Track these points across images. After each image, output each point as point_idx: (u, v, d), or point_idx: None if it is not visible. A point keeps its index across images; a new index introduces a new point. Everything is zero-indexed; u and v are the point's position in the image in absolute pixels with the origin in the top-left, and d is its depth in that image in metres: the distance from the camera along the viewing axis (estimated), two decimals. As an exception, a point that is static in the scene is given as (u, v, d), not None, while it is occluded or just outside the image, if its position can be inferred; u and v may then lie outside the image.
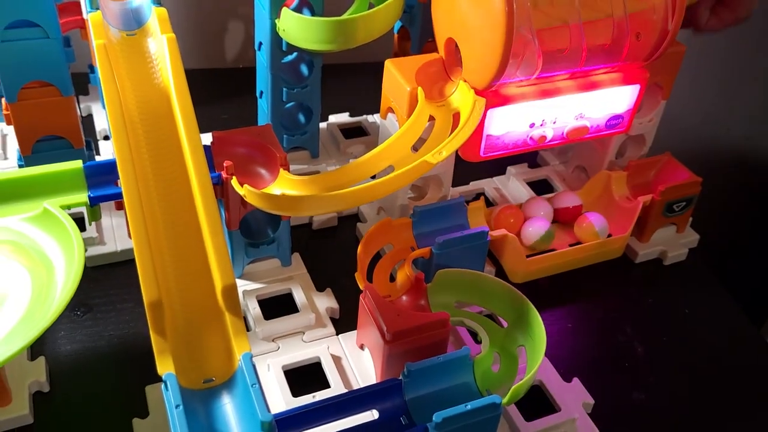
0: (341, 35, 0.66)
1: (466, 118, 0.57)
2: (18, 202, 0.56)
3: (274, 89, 0.75)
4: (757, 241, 1.19)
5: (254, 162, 0.61)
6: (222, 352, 0.46)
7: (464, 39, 0.61)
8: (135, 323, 0.63)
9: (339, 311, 0.65)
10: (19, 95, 0.64)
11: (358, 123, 0.89)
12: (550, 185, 0.81)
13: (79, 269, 0.49)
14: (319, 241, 0.74)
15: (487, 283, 0.59)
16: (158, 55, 0.55)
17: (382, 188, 0.55)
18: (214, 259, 0.47)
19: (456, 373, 0.53)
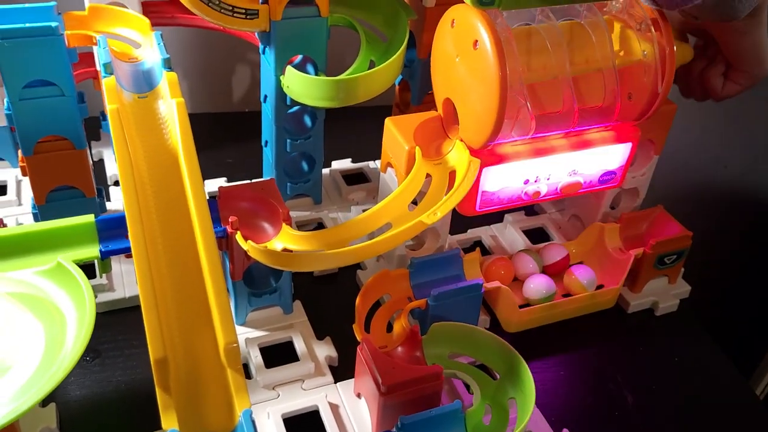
0: (342, 93, 0.69)
1: (461, 179, 0.60)
2: (32, 255, 0.59)
3: (278, 140, 0.78)
4: (746, 291, 1.21)
5: (258, 216, 0.64)
6: (223, 406, 0.49)
7: (461, 100, 0.63)
8: (142, 369, 0.65)
9: (338, 359, 0.67)
10: (34, 148, 0.67)
11: (360, 169, 0.92)
12: (546, 233, 0.83)
13: (90, 325, 0.52)
14: (319, 287, 0.76)
15: (479, 336, 0.61)
16: (167, 117, 0.58)
17: (379, 247, 0.58)
18: (217, 316, 0.50)
19: (448, 425, 0.55)
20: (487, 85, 0.59)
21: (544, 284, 0.71)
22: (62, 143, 0.68)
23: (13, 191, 0.81)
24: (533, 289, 0.71)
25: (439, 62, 0.66)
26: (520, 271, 0.73)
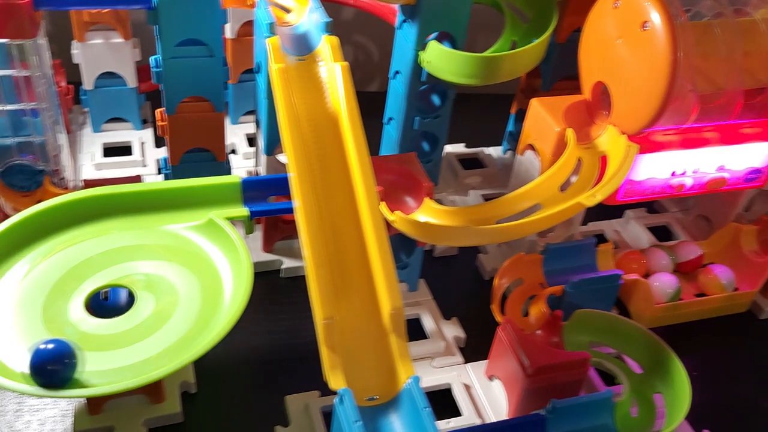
0: (486, 71, 0.68)
1: (619, 162, 0.58)
2: (183, 210, 0.59)
3: (406, 117, 0.77)
4: None
5: (400, 188, 0.63)
6: (385, 372, 0.48)
7: (617, 83, 0.62)
8: (278, 334, 0.65)
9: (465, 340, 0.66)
10: (177, 108, 0.67)
11: (475, 155, 0.90)
12: (669, 232, 0.81)
13: (248, 286, 0.52)
14: (439, 269, 0.75)
15: (625, 326, 0.60)
16: (327, 79, 0.57)
17: (533, 226, 0.56)
18: (383, 281, 0.49)
19: (597, 413, 0.54)
20: (654, 69, 0.57)
21: (669, 283, 0.69)
22: (203, 105, 0.68)
23: (138, 152, 0.82)
24: (658, 287, 0.69)
25: (593, 44, 0.64)
26: (652, 266, 0.71)
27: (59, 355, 0.46)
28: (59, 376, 0.46)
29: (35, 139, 0.66)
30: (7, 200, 0.65)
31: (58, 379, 0.46)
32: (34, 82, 0.64)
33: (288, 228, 0.71)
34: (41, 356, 0.46)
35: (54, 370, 0.46)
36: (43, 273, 0.54)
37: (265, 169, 0.70)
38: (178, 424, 0.57)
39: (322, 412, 0.57)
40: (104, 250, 0.56)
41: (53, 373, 0.46)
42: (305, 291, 0.70)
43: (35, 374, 0.46)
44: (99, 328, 0.51)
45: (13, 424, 0.55)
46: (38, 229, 0.56)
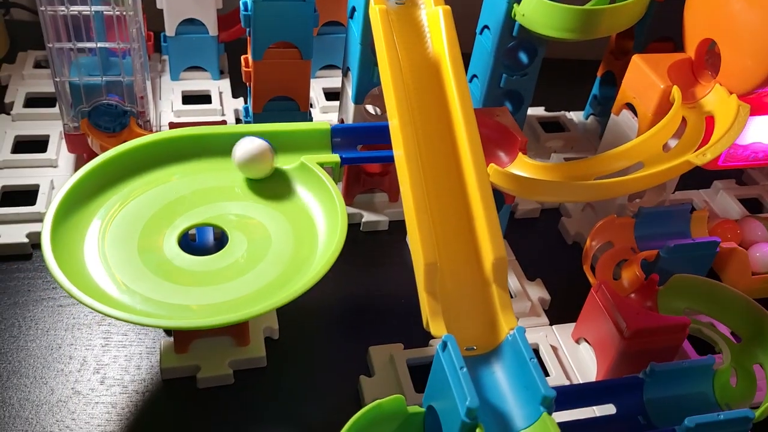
0: (586, 25, 0.65)
1: (729, 122, 0.56)
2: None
3: (493, 74, 0.74)
4: None
5: (492, 142, 0.62)
6: (485, 323, 0.47)
7: (728, 40, 0.59)
8: (358, 286, 0.64)
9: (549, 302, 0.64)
10: (264, 54, 0.66)
11: (556, 118, 0.88)
12: (760, 204, 0.78)
13: (342, 232, 0.51)
14: (520, 230, 0.74)
15: (724, 293, 0.57)
16: (429, 25, 0.56)
17: (637, 183, 0.54)
18: (486, 230, 0.47)
19: (697, 380, 0.52)
20: (772, 24, 0.54)
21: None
22: (290, 51, 0.67)
23: (216, 101, 0.82)
24: (759, 258, 0.66)
25: (701, 1, 0.61)
26: (747, 236, 0.68)
27: None
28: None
29: (123, 80, 0.66)
30: (95, 139, 0.65)
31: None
32: (127, 21, 0.63)
33: (370, 180, 0.70)
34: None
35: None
36: (136, 208, 0.53)
37: (351, 118, 0.69)
38: (261, 368, 0.56)
39: (408, 364, 0.56)
40: (195, 190, 0.56)
41: None
42: (385, 245, 0.70)
43: None
44: (193, 264, 0.51)
45: (100, 359, 0.56)
46: (130, 166, 0.56)
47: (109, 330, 0.58)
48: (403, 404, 0.45)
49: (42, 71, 0.81)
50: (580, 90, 0.89)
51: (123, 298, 0.47)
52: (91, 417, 0.52)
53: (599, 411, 0.53)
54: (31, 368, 0.54)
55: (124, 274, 0.49)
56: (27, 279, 0.61)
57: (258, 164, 0.55)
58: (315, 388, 0.56)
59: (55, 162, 0.70)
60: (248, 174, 0.56)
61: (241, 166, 0.55)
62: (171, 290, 0.48)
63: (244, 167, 0.55)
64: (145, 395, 0.54)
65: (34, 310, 0.59)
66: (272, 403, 0.54)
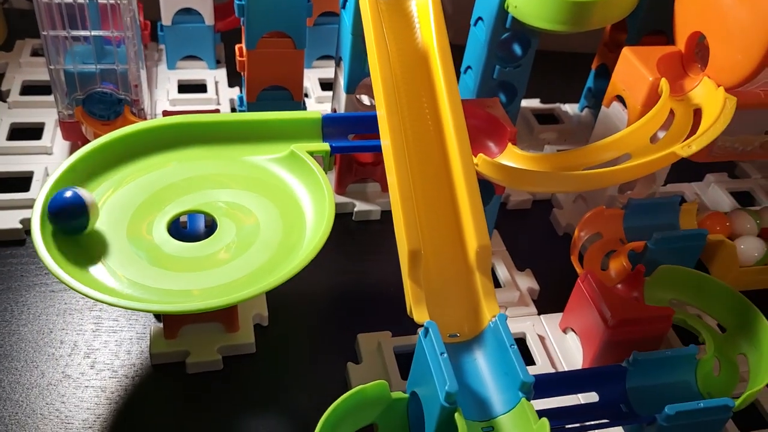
0: (577, 17, 0.65)
1: (716, 115, 0.56)
2: (262, 143, 0.59)
3: (486, 66, 0.74)
4: None
5: (482, 133, 0.62)
6: (468, 310, 0.47)
7: (717, 34, 0.59)
8: (349, 275, 0.65)
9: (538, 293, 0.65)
10: (258, 43, 0.67)
11: (551, 110, 0.88)
12: (752, 197, 0.78)
13: (329, 219, 0.51)
14: (512, 221, 0.74)
15: (710, 285, 0.58)
16: (419, 16, 0.56)
17: (623, 174, 0.55)
18: (470, 218, 0.48)
19: (679, 369, 0.53)
20: (758, 18, 0.54)
21: (756, 246, 0.66)
22: (284, 41, 0.68)
23: (212, 90, 0.82)
24: (744, 250, 0.66)
25: (693, -8, 0.61)
26: (736, 229, 0.68)
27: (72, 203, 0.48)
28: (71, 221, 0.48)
29: (117, 68, 0.66)
30: (89, 127, 0.66)
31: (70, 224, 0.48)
32: (121, 10, 0.64)
33: (363, 170, 0.70)
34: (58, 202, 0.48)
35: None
36: (127, 195, 0.54)
37: (343, 107, 0.69)
38: (250, 354, 0.57)
39: (395, 351, 0.57)
40: (186, 177, 0.56)
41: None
42: (376, 235, 0.71)
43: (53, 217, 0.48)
44: (181, 250, 0.51)
45: (91, 343, 0.56)
46: (122, 152, 0.56)
47: (100, 315, 0.58)
48: (387, 390, 0.46)
49: (39, 59, 0.82)
50: (577, 82, 0.89)
51: (111, 283, 0.48)
52: (80, 400, 0.53)
53: (584, 399, 0.54)
54: (22, 352, 0.55)
55: (113, 259, 0.49)
56: (20, 264, 0.62)
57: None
58: (303, 375, 0.56)
59: (50, 149, 0.71)
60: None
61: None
62: (159, 275, 0.49)
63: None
64: (134, 380, 0.54)
65: (27, 295, 0.59)
66: (260, 388, 0.55)
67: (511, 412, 0.42)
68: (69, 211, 0.49)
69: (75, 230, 0.49)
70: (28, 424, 0.51)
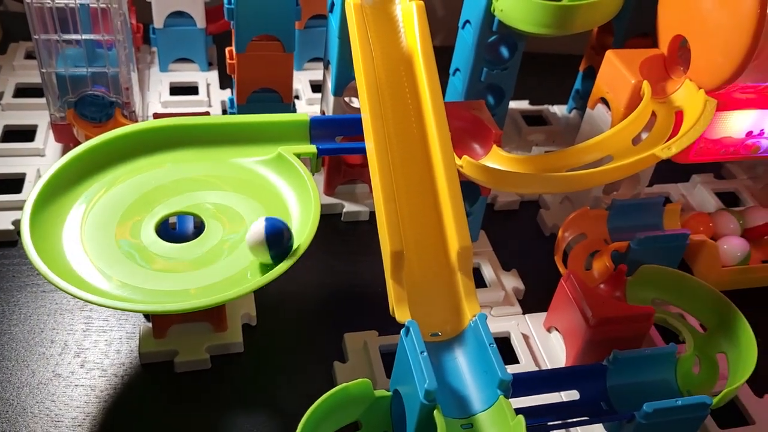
0: (562, 20, 0.66)
1: (696, 117, 0.57)
2: (249, 145, 0.60)
3: (474, 68, 0.75)
4: None
5: (468, 135, 0.63)
6: (450, 309, 0.48)
7: (698, 37, 0.60)
8: (337, 275, 0.66)
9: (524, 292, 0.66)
10: (247, 47, 0.68)
11: (539, 112, 0.89)
12: (737, 198, 0.79)
13: (315, 220, 0.52)
14: (499, 221, 0.75)
15: (691, 284, 0.59)
16: (403, 20, 0.57)
17: (604, 176, 0.56)
18: (452, 219, 0.49)
19: (659, 368, 0.53)
20: (737, 22, 0.55)
21: (739, 246, 0.67)
22: (273, 44, 0.68)
23: (204, 92, 0.83)
24: (727, 250, 0.67)
25: (674, -4, 0.62)
26: (719, 230, 0.69)
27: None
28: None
29: (109, 71, 0.67)
30: (80, 129, 0.67)
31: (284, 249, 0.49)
32: (111, 13, 0.64)
33: (351, 171, 0.71)
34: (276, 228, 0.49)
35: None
36: (115, 197, 0.55)
37: (332, 110, 0.70)
38: (238, 354, 0.58)
39: (381, 350, 0.57)
40: (175, 179, 0.57)
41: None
42: (365, 236, 0.72)
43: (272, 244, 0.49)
44: (168, 251, 0.52)
45: (81, 343, 0.57)
46: (111, 155, 0.57)
47: (91, 315, 0.59)
48: (370, 388, 0.47)
49: (32, 62, 0.83)
50: (566, 84, 0.90)
51: (100, 284, 0.49)
52: (70, 399, 0.53)
53: (565, 396, 0.55)
54: (13, 351, 0.56)
55: (101, 260, 0.50)
56: (12, 265, 0.63)
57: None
58: (291, 374, 0.57)
59: (42, 151, 0.72)
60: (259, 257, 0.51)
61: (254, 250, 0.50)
62: (147, 276, 0.50)
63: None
64: (123, 379, 0.55)
65: (18, 295, 0.60)
66: (248, 387, 0.56)
67: (490, 410, 0.43)
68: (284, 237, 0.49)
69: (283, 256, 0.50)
70: (19, 423, 0.52)
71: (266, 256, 0.49)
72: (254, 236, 0.49)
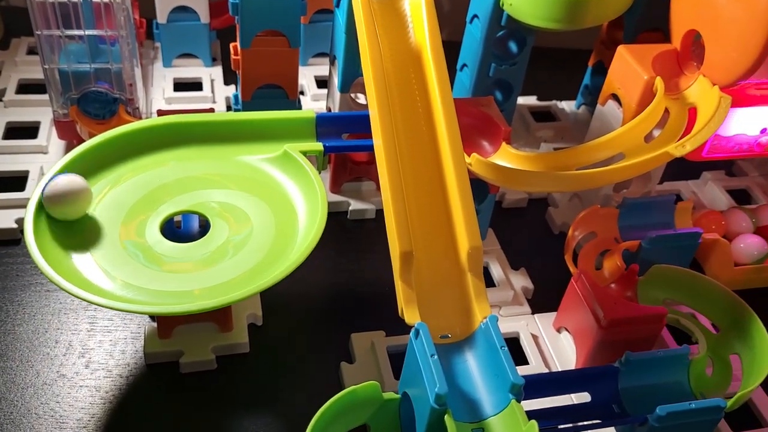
0: (572, 15, 0.65)
1: (710, 114, 0.56)
2: (255, 142, 0.59)
3: (482, 63, 0.74)
4: None
5: (476, 132, 0.62)
6: (460, 311, 0.47)
7: (712, 32, 0.59)
8: (343, 274, 0.65)
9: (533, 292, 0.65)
10: (252, 42, 0.67)
11: (548, 107, 0.88)
12: (749, 196, 0.78)
13: (322, 219, 0.51)
14: (508, 219, 0.74)
15: (703, 284, 0.58)
16: (412, 15, 0.56)
17: (616, 174, 0.55)
18: (462, 219, 0.48)
19: (672, 370, 0.53)
20: (753, 17, 0.54)
21: (756, 245, 0.66)
22: (279, 40, 0.67)
23: (208, 88, 0.82)
24: (743, 249, 0.66)
25: (687, -10, 0.61)
26: (731, 228, 0.68)
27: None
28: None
29: (112, 67, 0.66)
30: (83, 126, 0.66)
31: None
32: (114, 9, 0.64)
33: (357, 169, 0.70)
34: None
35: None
36: (120, 195, 0.54)
37: (338, 106, 0.69)
38: (244, 354, 0.57)
39: (388, 351, 0.57)
40: (179, 177, 0.56)
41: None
42: (371, 234, 0.71)
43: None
44: (173, 251, 0.51)
45: (86, 343, 0.57)
46: (116, 152, 0.56)
47: (95, 315, 0.59)
48: (378, 390, 0.46)
49: (35, 58, 0.82)
50: (575, 79, 0.89)
51: (104, 284, 0.48)
52: (75, 400, 0.53)
53: (576, 399, 0.54)
54: (17, 351, 0.55)
55: (106, 260, 0.49)
56: (15, 264, 0.62)
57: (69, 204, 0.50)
58: (297, 375, 0.56)
59: (45, 148, 0.71)
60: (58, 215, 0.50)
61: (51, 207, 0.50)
62: (152, 276, 0.49)
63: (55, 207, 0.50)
64: (129, 379, 0.55)
65: (22, 294, 0.60)
66: (254, 388, 0.55)
67: (501, 414, 0.42)
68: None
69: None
70: (23, 424, 0.51)
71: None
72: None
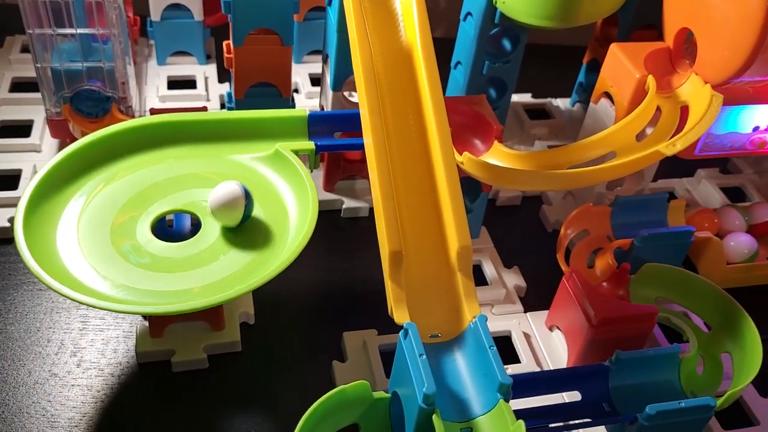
0: (565, 12, 0.64)
1: (702, 112, 0.56)
2: (247, 141, 0.59)
3: (475, 61, 0.74)
4: None
5: (468, 130, 0.62)
6: (449, 310, 0.47)
7: (704, 30, 0.59)
8: (336, 272, 0.65)
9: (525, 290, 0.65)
10: (245, 40, 0.67)
11: (542, 105, 0.88)
12: (743, 193, 0.78)
13: (312, 218, 0.51)
14: (501, 218, 0.74)
15: (695, 283, 0.58)
16: (403, 15, 0.56)
17: (607, 173, 0.54)
18: (452, 219, 0.48)
19: (662, 368, 0.53)
20: (745, 16, 0.54)
21: (746, 243, 0.66)
22: (271, 38, 0.67)
23: (202, 86, 0.82)
24: (734, 247, 0.66)
25: (680, -12, 0.61)
26: (724, 226, 0.68)
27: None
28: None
29: (104, 65, 0.66)
30: (76, 125, 0.66)
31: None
32: (106, 7, 0.63)
33: (350, 167, 0.70)
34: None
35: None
36: (111, 194, 0.54)
37: (330, 105, 0.69)
38: (236, 353, 0.57)
39: (380, 350, 0.57)
40: (171, 176, 0.56)
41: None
42: (364, 232, 0.71)
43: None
44: (164, 250, 0.51)
45: (78, 342, 0.57)
46: (107, 151, 0.56)
47: (87, 314, 0.59)
48: (368, 390, 0.46)
49: (29, 56, 0.81)
50: (569, 77, 0.88)
51: (94, 284, 0.48)
52: (67, 399, 0.53)
53: (567, 398, 0.54)
54: (9, 350, 0.55)
55: (96, 259, 0.49)
56: (8, 263, 0.62)
57: (231, 211, 0.51)
58: (289, 373, 0.57)
59: (38, 147, 0.71)
60: (222, 221, 0.52)
61: (216, 213, 0.51)
62: (142, 276, 0.49)
63: (219, 214, 0.51)
64: (120, 378, 0.55)
65: (14, 293, 0.60)
66: (246, 387, 0.55)
67: (490, 414, 0.42)
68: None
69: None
70: (15, 423, 0.51)
71: (238, 215, 0.51)
72: (226, 196, 0.50)
